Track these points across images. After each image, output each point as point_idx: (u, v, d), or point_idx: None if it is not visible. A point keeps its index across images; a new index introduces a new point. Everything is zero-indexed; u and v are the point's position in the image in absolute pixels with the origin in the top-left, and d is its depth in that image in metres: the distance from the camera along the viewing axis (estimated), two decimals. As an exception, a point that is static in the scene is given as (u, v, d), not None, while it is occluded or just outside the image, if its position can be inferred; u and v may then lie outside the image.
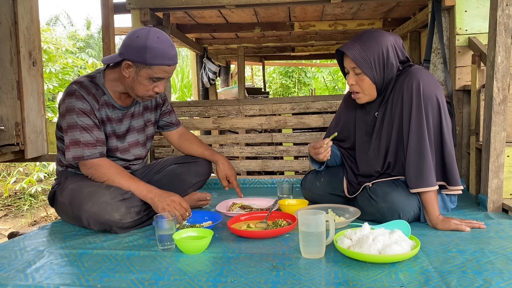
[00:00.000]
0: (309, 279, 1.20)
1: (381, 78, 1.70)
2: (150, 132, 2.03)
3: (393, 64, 1.70)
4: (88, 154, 1.72)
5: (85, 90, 1.75)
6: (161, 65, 1.68)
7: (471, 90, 2.30)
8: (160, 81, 1.75)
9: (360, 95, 1.76)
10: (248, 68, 10.32)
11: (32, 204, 5.13)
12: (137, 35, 1.67)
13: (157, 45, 1.66)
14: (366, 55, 1.67)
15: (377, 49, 1.67)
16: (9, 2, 2.67)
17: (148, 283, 1.21)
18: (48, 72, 5.92)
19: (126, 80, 1.75)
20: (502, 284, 1.13)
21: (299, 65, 11.69)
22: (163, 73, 1.71)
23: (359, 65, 1.67)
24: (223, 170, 2.07)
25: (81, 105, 1.72)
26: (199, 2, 2.68)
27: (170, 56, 1.69)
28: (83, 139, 1.72)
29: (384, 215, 1.69)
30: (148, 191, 1.72)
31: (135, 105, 1.93)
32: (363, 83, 1.72)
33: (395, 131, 1.74)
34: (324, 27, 3.97)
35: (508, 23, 1.81)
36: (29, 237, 1.71)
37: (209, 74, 5.06)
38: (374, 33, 1.71)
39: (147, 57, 1.65)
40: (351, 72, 1.73)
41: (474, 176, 2.24)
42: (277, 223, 1.68)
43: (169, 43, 1.70)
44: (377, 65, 1.68)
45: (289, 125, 2.85)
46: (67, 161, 1.74)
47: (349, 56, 1.68)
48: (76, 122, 1.71)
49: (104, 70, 1.83)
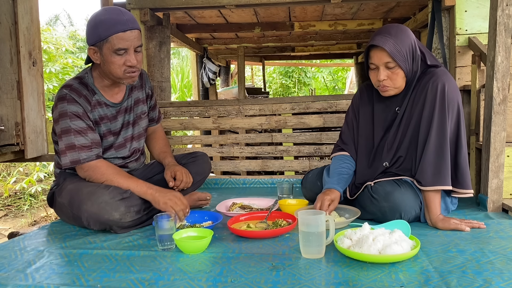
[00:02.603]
0: (309, 279, 1.20)
1: (411, 70, 1.72)
2: (144, 125, 2.02)
3: (419, 56, 1.73)
4: (85, 157, 1.72)
5: (76, 92, 1.74)
6: (115, 33, 1.64)
7: (471, 90, 2.30)
8: (126, 52, 1.69)
9: (390, 88, 1.74)
10: (248, 68, 10.32)
11: (32, 204, 5.13)
12: (89, 20, 1.71)
13: (104, 17, 1.66)
14: (401, 48, 1.66)
15: (408, 42, 1.68)
16: (9, 2, 2.67)
17: (148, 283, 1.21)
18: (48, 72, 5.92)
19: (102, 67, 1.74)
20: (502, 284, 1.13)
21: (299, 65, 11.69)
22: (122, 41, 1.66)
23: (396, 59, 1.66)
24: (170, 168, 1.94)
25: (73, 109, 1.72)
26: (199, 2, 2.68)
27: (122, 22, 1.65)
28: (78, 142, 1.71)
29: (385, 214, 1.69)
30: (148, 187, 1.72)
31: (127, 100, 1.92)
32: (397, 77, 1.71)
33: (412, 127, 1.75)
34: (324, 27, 3.97)
35: (508, 23, 1.81)
36: (29, 237, 1.71)
37: (209, 74, 5.06)
38: (400, 26, 1.73)
39: (100, 32, 1.65)
40: (382, 67, 1.70)
41: (474, 176, 2.24)
42: (277, 223, 1.68)
43: (117, 11, 1.68)
44: (409, 58, 1.69)
45: (289, 125, 2.85)
46: (64, 166, 1.73)
47: (386, 50, 1.65)
48: (70, 126, 1.71)
49: (90, 69, 1.83)
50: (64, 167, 1.76)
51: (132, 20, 1.69)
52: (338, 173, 1.86)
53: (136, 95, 1.97)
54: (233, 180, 2.82)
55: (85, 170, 1.75)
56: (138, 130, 1.98)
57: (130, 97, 1.94)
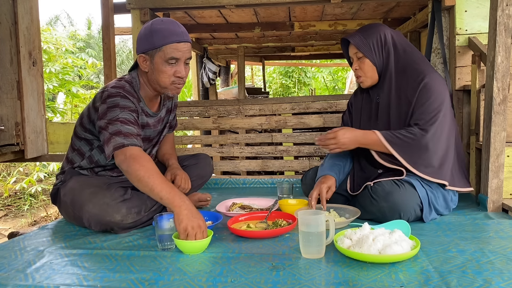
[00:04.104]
0: (309, 279, 1.20)
1: (380, 60, 1.86)
2: (166, 133, 2.06)
3: (391, 49, 1.86)
4: (129, 142, 1.60)
5: (129, 94, 1.73)
6: (171, 43, 1.66)
7: (471, 90, 2.30)
8: (177, 62, 1.70)
9: (363, 78, 1.91)
10: (248, 68, 10.32)
11: (32, 204, 5.13)
12: (142, 28, 1.71)
13: (160, 26, 1.67)
14: (366, 40, 1.85)
15: (375, 35, 1.86)
16: (9, 2, 2.67)
17: (148, 283, 1.21)
18: (48, 72, 5.92)
19: (148, 76, 1.75)
20: (502, 284, 1.13)
21: (299, 65, 11.69)
22: (175, 52, 1.67)
23: (360, 49, 1.85)
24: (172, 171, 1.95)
25: (126, 103, 1.69)
26: (199, 2, 2.68)
27: (177, 33, 1.67)
28: (124, 130, 1.62)
29: (385, 214, 1.70)
30: (181, 200, 1.49)
31: (162, 110, 1.94)
32: (364, 65, 1.87)
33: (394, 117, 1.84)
34: (324, 27, 3.97)
35: (508, 23, 1.81)
36: (29, 237, 1.71)
37: (209, 74, 5.06)
38: (372, 24, 1.93)
39: (154, 40, 1.66)
40: (354, 58, 1.90)
41: (474, 176, 2.24)
42: (277, 223, 1.68)
43: (174, 22, 1.70)
44: (376, 48, 1.85)
45: (289, 125, 2.85)
46: (108, 156, 1.61)
47: (351, 42, 1.87)
48: (119, 116, 1.64)
49: (137, 75, 1.82)
50: (108, 159, 1.64)
51: (186, 33, 1.71)
52: (332, 163, 1.96)
53: (167, 105, 2.00)
54: (233, 180, 2.82)
55: (126, 156, 1.57)
56: (162, 138, 2.02)
57: (164, 107, 1.97)
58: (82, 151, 1.87)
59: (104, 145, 1.64)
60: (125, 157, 1.57)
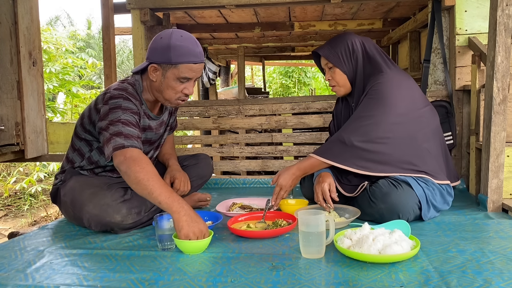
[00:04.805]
0: (309, 279, 1.20)
1: (350, 69, 1.91)
2: (167, 135, 2.06)
3: (359, 57, 1.90)
4: (130, 143, 1.57)
5: (132, 96, 1.72)
6: (187, 63, 1.64)
7: (471, 90, 2.30)
8: (188, 81, 1.70)
9: (336, 87, 1.97)
10: (248, 68, 10.32)
11: (32, 204, 5.13)
12: (160, 37, 1.66)
13: (181, 43, 1.63)
14: (334, 50, 1.91)
15: (342, 44, 1.90)
16: (9, 2, 2.67)
17: (148, 283, 1.21)
18: (48, 72, 5.92)
19: (154, 84, 1.72)
20: (502, 284, 1.13)
21: (299, 65, 11.69)
22: (190, 72, 1.67)
23: (329, 59, 1.91)
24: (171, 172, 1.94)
25: (128, 105, 1.67)
26: (199, 2, 2.68)
27: (195, 54, 1.65)
28: (125, 131, 1.60)
29: (383, 216, 1.70)
30: (179, 205, 1.47)
31: (164, 113, 1.94)
32: (335, 75, 1.93)
33: None
34: (324, 27, 3.97)
35: (508, 23, 1.81)
36: (29, 237, 1.71)
37: (209, 74, 5.06)
38: (341, 34, 1.97)
39: (171, 56, 1.62)
40: (326, 69, 1.97)
41: (474, 176, 2.24)
42: (277, 223, 1.68)
43: (193, 41, 1.67)
44: (344, 57, 1.90)
45: (289, 125, 2.85)
46: (107, 157, 1.59)
47: (320, 54, 1.93)
48: (120, 117, 1.62)
49: (141, 78, 1.80)
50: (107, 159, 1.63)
51: (202, 53, 1.70)
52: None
53: (169, 108, 2.00)
54: (233, 180, 2.82)
55: (126, 157, 1.54)
56: (163, 141, 2.02)
57: (166, 110, 1.97)
58: (82, 152, 1.87)
59: (104, 146, 1.62)
60: (125, 158, 1.54)
